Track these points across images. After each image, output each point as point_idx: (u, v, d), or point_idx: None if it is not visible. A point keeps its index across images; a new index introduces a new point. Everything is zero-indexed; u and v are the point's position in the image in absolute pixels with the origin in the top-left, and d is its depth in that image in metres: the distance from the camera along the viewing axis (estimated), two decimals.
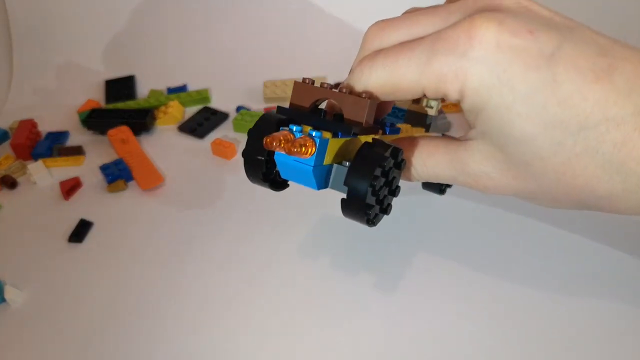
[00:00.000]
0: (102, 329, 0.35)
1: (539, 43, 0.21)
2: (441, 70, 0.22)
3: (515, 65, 0.21)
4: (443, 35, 0.22)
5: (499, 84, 0.21)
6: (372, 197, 0.24)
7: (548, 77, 0.21)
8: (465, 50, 0.21)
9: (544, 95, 0.21)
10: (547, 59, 0.21)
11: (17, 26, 0.61)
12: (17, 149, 0.51)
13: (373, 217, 0.25)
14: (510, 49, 0.21)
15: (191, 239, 0.41)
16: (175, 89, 0.59)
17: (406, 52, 0.23)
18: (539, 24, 0.22)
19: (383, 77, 0.24)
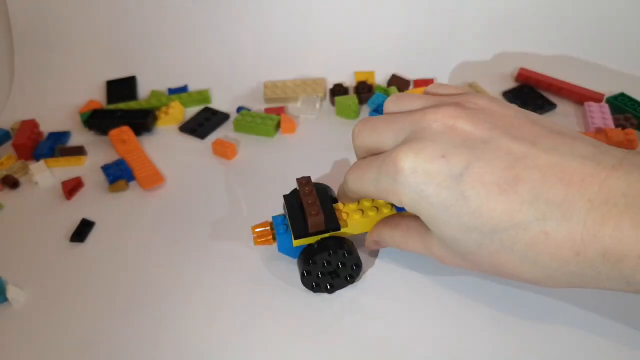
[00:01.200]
0: (104, 329, 0.35)
1: (449, 165, 0.26)
2: (384, 188, 0.29)
3: (430, 185, 0.27)
4: (386, 160, 0.29)
5: (421, 200, 0.27)
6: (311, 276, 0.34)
7: (457, 194, 0.26)
8: (395, 176, 0.28)
9: (457, 208, 0.26)
10: (455, 179, 0.26)
11: (18, 26, 0.61)
12: (19, 149, 0.51)
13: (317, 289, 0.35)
14: (424, 173, 0.27)
15: (192, 239, 0.41)
16: (176, 89, 0.59)
17: (366, 169, 0.31)
18: (454, 146, 0.27)
19: (355, 187, 0.32)
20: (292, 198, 0.36)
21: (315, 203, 0.34)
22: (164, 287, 0.37)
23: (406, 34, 0.59)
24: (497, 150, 0.26)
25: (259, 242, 0.36)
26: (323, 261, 0.34)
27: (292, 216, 0.35)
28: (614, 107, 0.52)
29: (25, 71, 0.61)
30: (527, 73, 0.57)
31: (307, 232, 0.34)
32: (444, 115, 0.28)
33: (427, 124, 0.28)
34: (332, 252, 0.33)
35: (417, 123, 0.29)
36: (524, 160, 0.25)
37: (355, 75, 0.58)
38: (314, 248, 0.34)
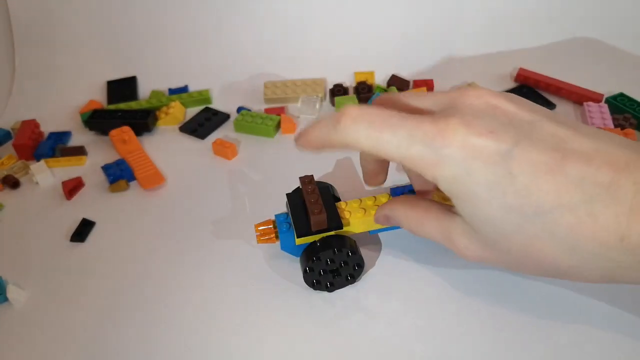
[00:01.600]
0: (104, 328, 0.35)
1: (498, 142, 0.25)
2: (418, 156, 0.26)
3: (478, 160, 0.25)
4: (423, 127, 0.26)
5: (465, 175, 0.26)
6: (313, 273, 0.34)
7: (505, 171, 0.25)
8: (439, 147, 0.26)
9: (503, 185, 0.25)
10: (503, 155, 0.25)
11: (19, 26, 0.61)
12: (20, 149, 0.51)
13: (317, 287, 0.35)
14: (474, 147, 0.25)
15: (192, 239, 0.41)
16: (177, 89, 0.59)
17: (389, 129, 0.27)
18: (501, 124, 0.26)
19: (366, 143, 0.27)
20: (295, 197, 0.36)
21: (318, 202, 0.34)
22: (165, 287, 0.37)
23: (406, 34, 0.59)
24: (543, 132, 0.25)
25: (261, 240, 0.36)
26: (327, 259, 0.34)
27: (295, 214, 0.35)
28: (613, 107, 0.52)
29: (25, 71, 0.61)
30: (527, 73, 0.57)
31: (309, 231, 0.34)
32: (486, 93, 0.27)
33: (470, 101, 0.27)
34: (336, 250, 0.33)
35: (459, 98, 0.27)
36: (569, 142, 0.25)
37: (355, 75, 0.58)
38: (318, 245, 0.34)
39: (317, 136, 0.30)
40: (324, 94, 0.57)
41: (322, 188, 0.37)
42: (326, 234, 0.34)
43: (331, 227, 0.34)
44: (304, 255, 0.35)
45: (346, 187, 0.45)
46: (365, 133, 0.27)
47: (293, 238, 0.35)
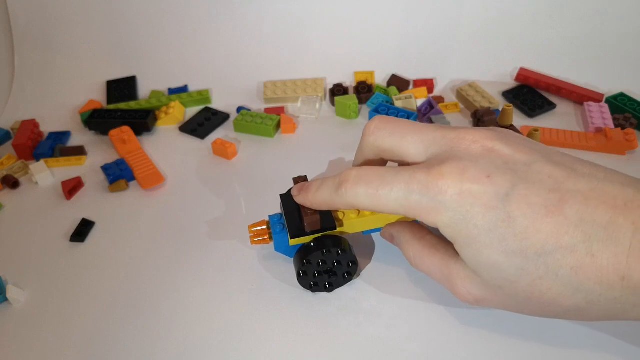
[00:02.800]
0: (104, 328, 0.35)
1: (495, 186, 0.25)
2: (417, 205, 0.27)
3: (476, 206, 0.26)
4: (417, 177, 0.27)
5: (464, 221, 0.26)
6: (307, 277, 0.35)
7: (504, 215, 0.25)
8: (435, 195, 0.26)
9: (503, 229, 0.25)
10: (501, 199, 0.25)
11: (19, 26, 0.61)
12: (19, 149, 0.51)
13: (315, 289, 0.35)
14: (470, 194, 0.26)
15: (192, 238, 0.41)
16: (176, 89, 0.59)
17: (386, 185, 0.28)
18: (497, 167, 0.26)
19: (366, 201, 0.29)
20: (288, 197, 0.36)
21: None
22: (164, 287, 0.37)
23: (406, 34, 0.59)
24: (540, 173, 0.26)
25: (255, 241, 0.36)
26: (318, 260, 0.34)
27: (289, 215, 0.35)
28: (614, 107, 0.52)
29: (25, 71, 0.61)
30: (527, 73, 0.57)
31: (303, 232, 0.34)
32: (482, 136, 0.27)
33: (465, 145, 0.27)
34: (326, 250, 0.33)
35: (454, 142, 0.28)
36: (566, 183, 0.25)
37: (355, 75, 0.58)
38: (309, 247, 0.34)
39: (321, 199, 0.32)
40: (324, 94, 0.57)
41: None
42: (320, 235, 0.34)
43: (325, 228, 0.34)
44: (296, 259, 0.35)
45: None
46: (365, 193, 0.29)
47: (287, 239, 0.35)
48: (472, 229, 0.26)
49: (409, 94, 0.54)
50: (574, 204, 0.24)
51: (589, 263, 0.24)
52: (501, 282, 0.26)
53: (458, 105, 0.55)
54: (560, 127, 0.51)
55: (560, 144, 0.48)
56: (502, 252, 0.25)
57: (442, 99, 0.56)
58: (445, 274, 0.29)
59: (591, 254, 0.24)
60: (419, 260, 0.31)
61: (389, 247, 0.39)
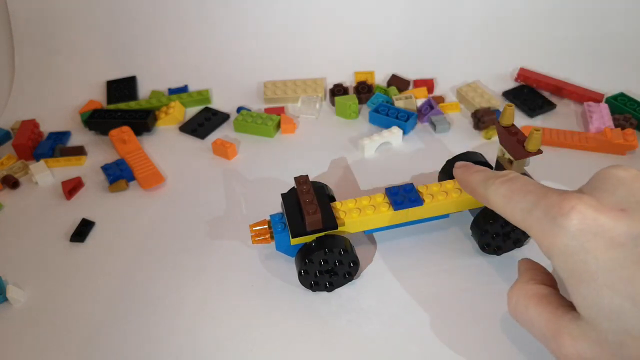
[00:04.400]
0: (104, 328, 0.35)
1: (628, 222, 0.22)
2: (537, 222, 0.25)
3: (600, 238, 0.22)
4: (550, 196, 0.25)
5: (582, 252, 0.23)
6: (308, 275, 0.34)
7: (634, 257, 0.22)
8: (557, 216, 0.24)
9: (630, 270, 0.21)
10: (633, 238, 0.22)
11: (19, 26, 0.61)
12: (19, 149, 0.51)
13: (316, 288, 0.35)
14: (597, 224, 0.23)
15: (192, 238, 0.41)
16: (176, 89, 0.59)
17: (522, 192, 0.27)
18: (637, 202, 0.23)
19: (500, 202, 0.28)
20: (289, 197, 0.36)
21: (313, 202, 0.34)
22: (164, 287, 0.37)
23: (406, 34, 0.59)
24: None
25: (256, 240, 0.36)
26: (320, 260, 0.34)
27: (290, 215, 0.35)
28: (614, 107, 0.52)
29: (25, 71, 0.61)
30: (527, 73, 0.57)
31: (304, 231, 0.34)
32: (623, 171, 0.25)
33: (614, 171, 0.25)
34: (328, 250, 0.33)
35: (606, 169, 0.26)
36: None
37: (355, 75, 0.58)
38: (310, 247, 0.34)
39: (473, 180, 0.31)
40: (324, 94, 0.57)
41: (317, 188, 0.37)
42: (321, 234, 0.34)
43: (326, 227, 0.34)
44: (298, 258, 0.35)
45: (342, 187, 0.45)
46: (503, 193, 0.28)
47: (288, 238, 0.35)
48: (590, 262, 0.22)
49: (409, 94, 0.54)
50: None
51: None
52: (623, 336, 0.21)
53: (458, 105, 0.55)
54: (560, 127, 0.51)
55: (560, 144, 0.48)
56: (627, 296, 0.21)
57: (442, 99, 0.56)
58: (552, 329, 0.24)
59: None
60: (522, 306, 0.27)
61: (390, 247, 0.39)
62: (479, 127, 0.51)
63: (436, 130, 0.51)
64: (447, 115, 0.53)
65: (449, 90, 0.57)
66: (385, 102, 0.53)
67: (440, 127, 0.51)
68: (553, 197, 0.25)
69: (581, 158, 0.47)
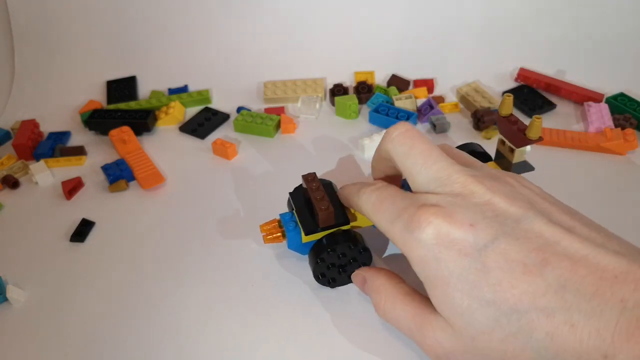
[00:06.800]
0: (104, 328, 0.35)
1: (476, 235, 0.25)
2: (397, 233, 0.28)
3: (451, 250, 0.25)
4: (409, 209, 0.27)
5: (435, 261, 0.26)
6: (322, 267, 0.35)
7: (478, 264, 0.25)
8: (414, 230, 0.27)
9: (476, 276, 0.25)
10: (479, 249, 0.25)
11: (19, 26, 0.61)
12: (19, 149, 0.51)
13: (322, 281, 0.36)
14: (448, 237, 0.26)
15: (192, 239, 0.41)
16: (176, 89, 0.59)
17: (389, 202, 0.29)
18: (484, 218, 0.26)
19: (370, 211, 0.31)
20: (297, 195, 0.36)
21: (324, 198, 0.34)
22: (164, 287, 0.37)
23: (406, 34, 0.59)
24: (527, 231, 0.25)
25: (268, 239, 0.36)
26: (341, 252, 0.34)
27: (300, 212, 0.35)
28: (614, 107, 0.52)
29: (25, 71, 0.61)
30: (527, 73, 0.57)
31: (317, 228, 0.34)
32: (486, 190, 0.27)
33: (466, 194, 0.27)
34: (352, 245, 0.34)
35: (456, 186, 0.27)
36: (555, 245, 0.24)
37: (355, 75, 0.58)
38: (336, 236, 0.34)
39: (347, 192, 0.34)
40: (324, 94, 0.57)
41: (325, 185, 0.37)
42: (332, 230, 0.34)
43: (338, 223, 0.34)
44: (317, 247, 0.34)
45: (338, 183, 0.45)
46: (372, 203, 0.30)
47: (300, 236, 0.35)
48: (443, 269, 0.25)
49: (409, 94, 0.54)
50: (557, 268, 0.23)
51: (567, 332, 0.22)
52: (474, 332, 0.25)
53: (458, 105, 0.55)
54: (560, 127, 0.51)
55: (560, 144, 0.48)
56: (474, 298, 0.24)
57: (442, 99, 0.56)
58: (417, 323, 0.28)
59: (570, 324, 0.22)
60: (389, 306, 0.30)
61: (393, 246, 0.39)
62: (479, 127, 0.51)
63: (436, 130, 0.51)
64: (447, 115, 0.53)
65: (449, 90, 0.57)
66: (385, 102, 0.53)
67: (440, 127, 0.51)
68: (412, 209, 0.27)
69: (581, 158, 0.47)
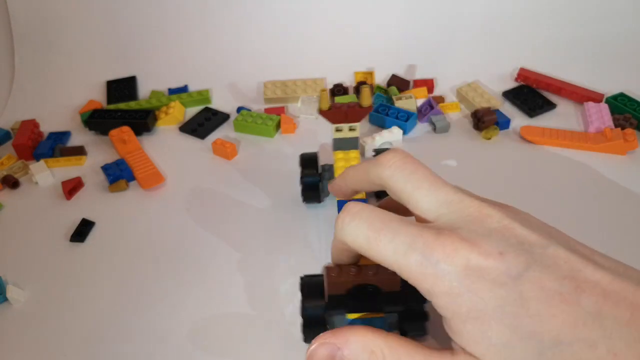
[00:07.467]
0: (104, 328, 0.35)
1: (507, 264, 0.23)
2: (415, 265, 0.24)
3: (483, 280, 0.23)
4: (424, 236, 0.24)
5: (467, 293, 0.23)
6: None
7: (515, 295, 0.22)
8: (439, 260, 0.23)
9: (514, 307, 0.22)
10: (513, 278, 0.23)
11: (19, 26, 0.61)
12: (19, 149, 0.51)
13: None
14: (479, 268, 0.23)
15: (192, 239, 0.41)
16: (176, 89, 0.59)
17: (389, 232, 0.25)
18: (511, 246, 0.23)
19: (360, 240, 0.25)
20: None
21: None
22: (164, 287, 0.37)
23: (406, 34, 0.59)
24: (556, 258, 0.23)
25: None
26: None
27: None
28: (614, 107, 0.52)
29: (25, 71, 0.61)
30: (527, 73, 0.57)
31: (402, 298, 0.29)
32: (502, 214, 0.25)
33: (482, 217, 0.25)
34: None
35: (470, 211, 0.25)
36: (582, 272, 0.23)
37: (355, 75, 0.58)
38: None
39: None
40: None
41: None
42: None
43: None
44: None
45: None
46: (364, 234, 0.25)
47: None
48: (477, 301, 0.23)
49: (409, 94, 0.54)
50: (592, 295, 0.22)
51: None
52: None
53: (458, 105, 0.55)
54: (560, 127, 0.51)
55: (560, 144, 0.48)
56: (514, 331, 0.22)
57: (442, 99, 0.56)
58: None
59: (613, 353, 0.21)
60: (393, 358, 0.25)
61: None
62: (479, 127, 0.51)
63: (436, 130, 0.51)
64: (447, 115, 0.53)
65: (449, 90, 0.57)
66: (385, 102, 0.53)
67: (440, 127, 0.51)
68: (429, 236, 0.24)
69: (581, 158, 0.47)
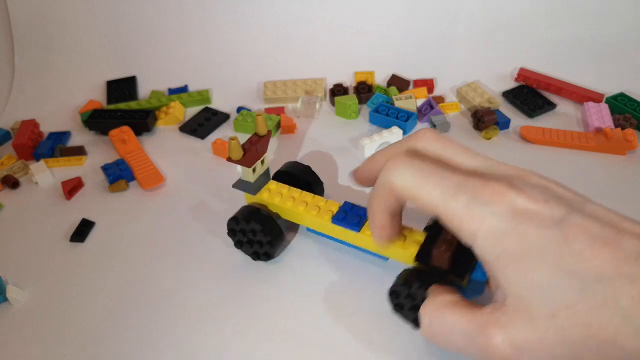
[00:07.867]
0: (104, 328, 0.35)
1: (551, 210, 0.24)
2: (461, 207, 0.25)
3: (529, 222, 0.24)
4: (472, 181, 0.25)
5: (514, 233, 0.24)
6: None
7: (560, 236, 0.23)
8: (485, 202, 0.24)
9: (558, 247, 0.23)
10: (557, 222, 0.24)
11: (19, 27, 0.61)
12: (19, 149, 0.51)
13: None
14: (525, 211, 0.24)
15: (192, 239, 0.41)
16: (176, 89, 0.59)
17: (437, 175, 0.26)
18: (553, 197, 0.25)
19: (408, 183, 0.27)
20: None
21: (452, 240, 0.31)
22: (164, 287, 0.37)
23: (406, 34, 0.59)
24: (595, 210, 0.25)
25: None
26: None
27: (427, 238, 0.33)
28: (614, 107, 0.52)
29: (25, 71, 0.61)
30: (527, 73, 0.57)
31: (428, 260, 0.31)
32: (540, 175, 0.27)
33: (523, 175, 0.26)
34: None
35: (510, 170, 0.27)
36: (621, 223, 0.24)
37: (355, 75, 0.58)
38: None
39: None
40: (324, 94, 0.57)
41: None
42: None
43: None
44: None
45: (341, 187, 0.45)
46: (412, 176, 0.27)
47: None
48: (522, 242, 0.24)
49: (409, 94, 0.54)
50: (632, 238, 0.23)
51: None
52: (555, 307, 0.23)
53: (458, 105, 0.55)
54: (560, 127, 0.51)
55: (560, 144, 0.48)
56: (557, 270, 0.23)
57: (442, 99, 0.56)
58: (477, 324, 0.25)
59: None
60: (438, 318, 0.27)
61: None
62: (479, 127, 0.51)
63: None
64: (447, 115, 0.53)
65: (449, 90, 0.57)
66: (385, 102, 0.53)
67: (440, 127, 0.51)
68: (477, 182, 0.25)
69: (581, 158, 0.47)
